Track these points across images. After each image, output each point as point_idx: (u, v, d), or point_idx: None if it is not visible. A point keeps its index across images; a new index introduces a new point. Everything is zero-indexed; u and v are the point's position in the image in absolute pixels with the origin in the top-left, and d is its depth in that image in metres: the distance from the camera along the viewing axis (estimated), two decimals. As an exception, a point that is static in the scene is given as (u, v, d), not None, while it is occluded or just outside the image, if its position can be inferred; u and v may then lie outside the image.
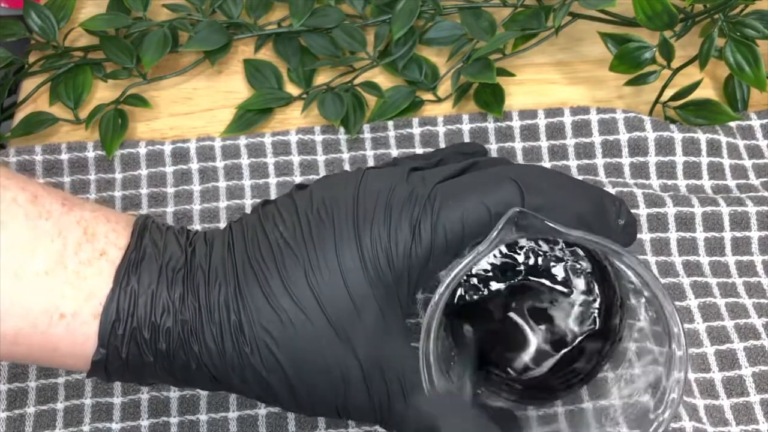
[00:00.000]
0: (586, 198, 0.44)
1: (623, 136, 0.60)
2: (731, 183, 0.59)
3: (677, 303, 0.54)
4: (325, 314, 0.41)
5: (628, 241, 0.46)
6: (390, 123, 0.61)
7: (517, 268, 0.44)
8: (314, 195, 0.44)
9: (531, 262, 0.44)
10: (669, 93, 0.61)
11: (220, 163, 0.59)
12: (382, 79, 0.63)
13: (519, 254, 0.44)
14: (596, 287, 0.44)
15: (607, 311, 0.44)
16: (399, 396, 0.42)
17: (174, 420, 0.51)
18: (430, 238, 0.42)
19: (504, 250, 0.44)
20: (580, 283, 0.44)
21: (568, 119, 0.60)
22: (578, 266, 0.44)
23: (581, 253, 0.44)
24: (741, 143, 0.60)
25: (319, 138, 0.60)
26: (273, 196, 0.58)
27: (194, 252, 0.43)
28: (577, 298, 0.44)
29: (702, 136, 0.60)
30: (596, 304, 0.44)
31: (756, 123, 0.61)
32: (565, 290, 0.44)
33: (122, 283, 0.42)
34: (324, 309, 0.41)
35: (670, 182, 0.59)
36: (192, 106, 0.63)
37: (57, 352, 0.42)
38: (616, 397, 0.44)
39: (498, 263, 0.44)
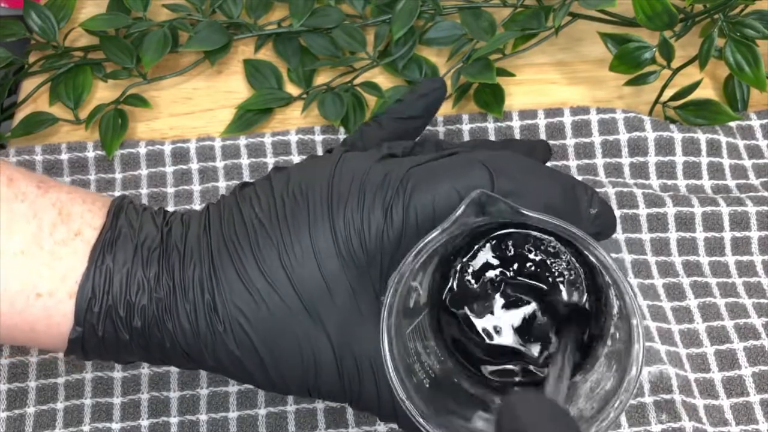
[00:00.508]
0: (556, 185, 0.44)
1: (623, 136, 0.60)
2: (731, 183, 0.59)
3: (677, 303, 0.54)
4: (298, 294, 0.42)
5: (603, 231, 0.46)
6: (390, 123, 0.61)
7: (504, 271, 0.44)
8: (291, 177, 0.45)
9: (516, 266, 0.44)
10: (669, 93, 0.61)
11: (220, 163, 0.59)
12: (382, 79, 0.63)
13: (509, 257, 0.44)
14: (584, 293, 0.44)
15: (595, 318, 0.44)
16: (370, 378, 0.43)
17: (174, 420, 0.51)
18: (402, 220, 0.42)
19: (493, 252, 0.44)
20: (568, 289, 0.44)
21: (568, 119, 0.60)
22: (567, 273, 0.44)
23: (571, 259, 0.44)
24: (741, 143, 0.60)
25: (319, 138, 0.60)
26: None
27: (170, 232, 0.44)
28: (563, 298, 0.44)
29: (702, 136, 0.60)
30: (582, 303, 0.44)
31: (756, 123, 0.61)
32: (550, 290, 0.44)
33: (97, 261, 0.42)
34: (297, 289, 0.42)
35: (670, 182, 0.59)
36: (192, 106, 0.63)
37: (34, 332, 0.43)
38: (582, 385, 0.44)
39: (489, 261, 0.44)
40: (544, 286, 0.43)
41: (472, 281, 0.44)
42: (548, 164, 0.59)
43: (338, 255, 0.42)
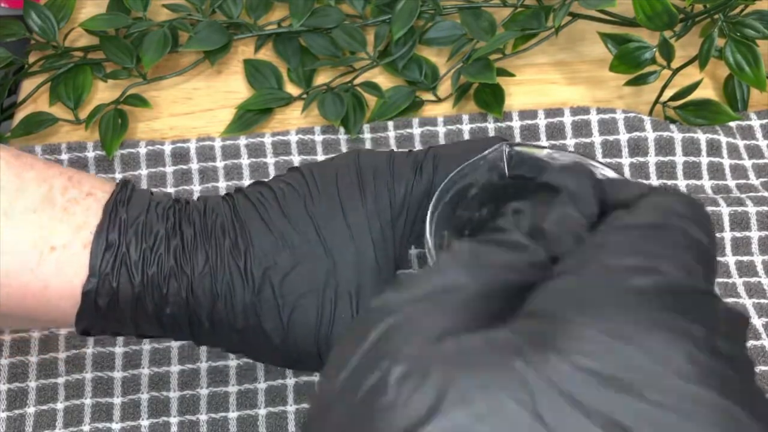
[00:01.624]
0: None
1: (623, 136, 0.60)
2: (731, 183, 0.59)
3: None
4: (321, 238, 0.43)
5: None
6: (390, 123, 0.61)
7: None
8: (315, 163, 0.46)
9: None
10: (669, 93, 0.61)
11: (220, 163, 0.59)
12: (382, 79, 0.63)
13: None
14: None
15: None
16: None
17: (174, 420, 0.51)
18: (431, 175, 0.44)
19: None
20: None
21: (568, 119, 0.60)
22: None
23: None
24: (741, 143, 0.60)
25: (319, 138, 0.60)
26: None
27: (188, 201, 0.45)
28: None
29: (702, 136, 0.60)
30: None
31: (756, 123, 0.61)
32: None
33: (111, 214, 0.42)
34: (320, 234, 0.43)
35: (670, 182, 0.59)
36: (192, 106, 0.63)
37: (48, 290, 0.42)
38: None
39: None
40: None
41: None
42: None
43: (365, 209, 0.43)
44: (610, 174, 0.42)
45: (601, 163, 0.43)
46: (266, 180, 0.46)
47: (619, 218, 0.29)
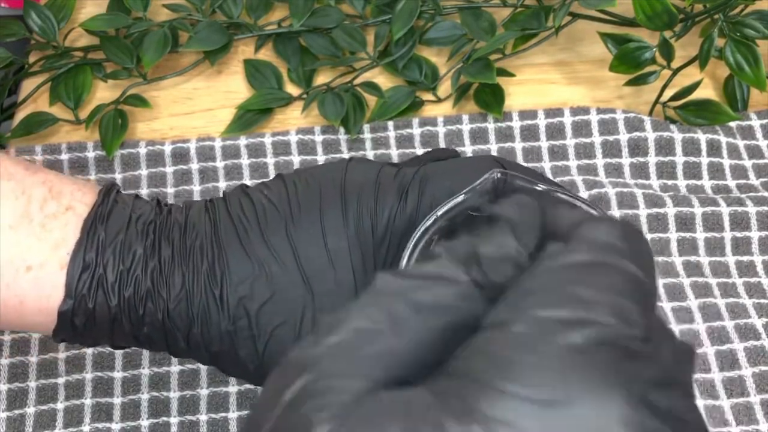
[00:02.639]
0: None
1: (623, 137, 0.60)
2: (731, 183, 0.59)
3: (678, 303, 0.54)
4: (299, 267, 0.41)
5: None
6: (390, 123, 0.61)
7: None
8: (303, 171, 0.45)
9: None
10: (669, 93, 0.61)
11: (220, 163, 0.59)
12: (382, 79, 0.63)
13: None
14: None
15: None
16: None
17: (174, 420, 0.51)
18: (417, 202, 0.42)
19: None
20: None
21: (568, 119, 0.60)
22: None
23: None
24: (741, 143, 0.60)
25: (319, 138, 0.60)
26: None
27: (170, 211, 0.43)
28: None
29: (702, 136, 0.60)
30: None
31: (756, 123, 0.61)
32: None
33: (89, 232, 0.41)
34: (299, 261, 0.41)
35: (670, 182, 0.59)
36: (192, 106, 0.63)
37: (24, 306, 0.42)
38: None
39: None
40: None
41: None
42: (548, 165, 0.60)
43: (346, 233, 0.42)
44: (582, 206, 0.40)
45: (590, 205, 0.41)
46: (250, 189, 0.44)
47: (553, 256, 0.28)
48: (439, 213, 0.40)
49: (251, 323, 0.41)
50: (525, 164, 0.59)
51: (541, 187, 0.40)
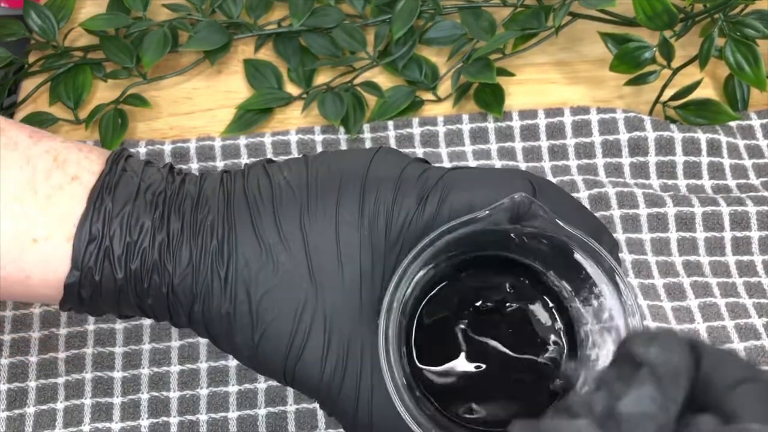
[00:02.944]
0: (588, 222, 0.43)
1: (623, 136, 0.60)
2: (731, 183, 0.59)
3: (678, 303, 0.54)
4: (308, 258, 0.41)
5: None
6: (390, 123, 0.61)
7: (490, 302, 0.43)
8: (329, 155, 0.43)
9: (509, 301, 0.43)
10: (669, 93, 0.61)
11: (220, 163, 0.59)
12: (382, 79, 0.63)
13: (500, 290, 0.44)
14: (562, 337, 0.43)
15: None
16: (354, 370, 0.41)
17: (174, 420, 0.51)
18: (435, 211, 0.41)
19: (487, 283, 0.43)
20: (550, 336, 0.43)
21: (568, 119, 0.60)
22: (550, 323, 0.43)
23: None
24: (741, 143, 0.60)
25: (319, 138, 0.60)
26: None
27: (183, 181, 0.42)
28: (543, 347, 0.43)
29: (702, 136, 0.60)
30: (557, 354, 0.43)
31: (756, 123, 0.61)
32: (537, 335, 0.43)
33: (96, 203, 0.41)
34: (308, 253, 0.41)
35: (670, 182, 0.59)
36: (192, 106, 0.63)
37: (31, 280, 0.41)
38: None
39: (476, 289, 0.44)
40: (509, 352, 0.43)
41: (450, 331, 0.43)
42: (548, 165, 0.59)
43: (360, 230, 0.41)
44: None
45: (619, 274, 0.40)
46: (271, 166, 0.43)
47: None
48: (444, 229, 0.40)
49: (251, 309, 0.41)
50: (525, 164, 0.59)
51: (560, 222, 0.39)
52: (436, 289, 0.43)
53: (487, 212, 0.39)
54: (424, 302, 0.43)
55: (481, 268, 0.43)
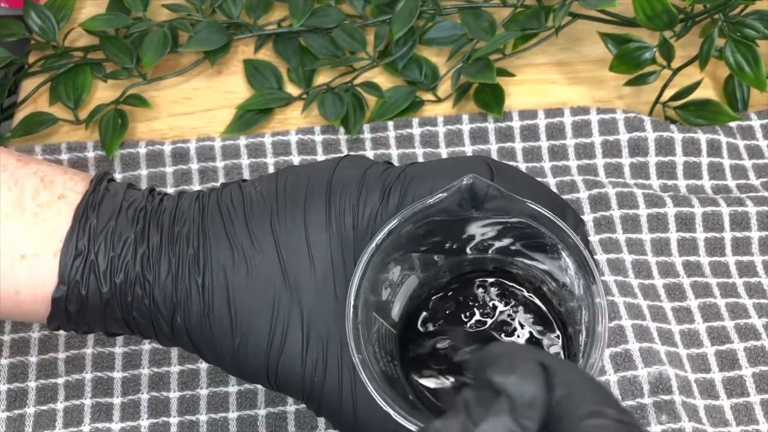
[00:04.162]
0: (551, 202, 0.43)
1: (623, 136, 0.60)
2: (731, 183, 0.59)
3: (678, 303, 0.54)
4: (280, 258, 0.42)
5: None
6: (390, 123, 0.61)
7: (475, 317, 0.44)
8: (296, 167, 0.45)
9: (490, 316, 0.44)
10: (669, 93, 0.61)
11: (220, 163, 0.59)
12: (382, 79, 0.63)
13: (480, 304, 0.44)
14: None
15: None
16: (334, 366, 0.42)
17: (174, 420, 0.51)
18: (398, 204, 0.42)
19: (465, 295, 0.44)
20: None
21: (568, 119, 0.60)
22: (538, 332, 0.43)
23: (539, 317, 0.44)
24: (741, 143, 0.60)
25: (319, 138, 0.60)
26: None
27: (162, 200, 0.44)
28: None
29: (702, 136, 0.60)
30: None
31: (756, 123, 0.61)
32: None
33: (81, 220, 0.42)
34: (280, 253, 0.42)
35: (670, 182, 0.59)
36: (192, 106, 0.63)
37: (20, 295, 0.42)
38: None
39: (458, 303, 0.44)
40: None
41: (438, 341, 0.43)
42: (548, 165, 0.59)
43: (328, 228, 0.42)
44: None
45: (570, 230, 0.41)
46: (245, 182, 0.45)
47: None
48: (402, 216, 0.41)
49: (230, 312, 0.42)
50: (525, 164, 0.59)
51: (513, 195, 0.40)
52: (428, 300, 0.44)
53: (443, 194, 0.40)
54: (413, 315, 0.44)
55: (466, 280, 0.44)
